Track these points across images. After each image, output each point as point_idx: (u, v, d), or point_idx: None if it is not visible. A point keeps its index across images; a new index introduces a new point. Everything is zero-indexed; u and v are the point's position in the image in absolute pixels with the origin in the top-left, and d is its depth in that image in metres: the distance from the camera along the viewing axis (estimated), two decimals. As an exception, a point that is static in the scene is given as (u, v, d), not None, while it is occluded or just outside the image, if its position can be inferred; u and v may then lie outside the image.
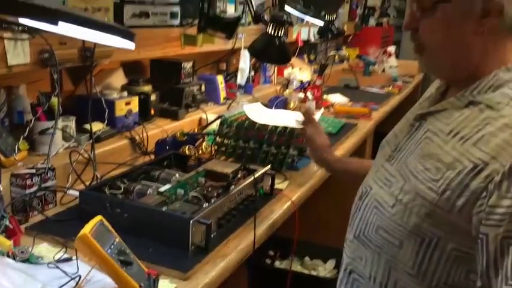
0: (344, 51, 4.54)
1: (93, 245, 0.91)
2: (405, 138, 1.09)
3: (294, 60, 3.44)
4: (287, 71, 3.18)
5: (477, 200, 0.90)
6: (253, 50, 1.84)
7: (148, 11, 1.78)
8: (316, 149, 1.58)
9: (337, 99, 3.00)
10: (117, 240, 0.98)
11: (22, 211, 1.29)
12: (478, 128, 0.94)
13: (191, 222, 1.11)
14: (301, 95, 2.80)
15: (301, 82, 3.03)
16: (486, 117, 0.94)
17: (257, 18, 1.88)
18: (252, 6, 1.88)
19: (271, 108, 2.45)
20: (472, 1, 0.95)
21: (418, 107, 1.15)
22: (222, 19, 2.00)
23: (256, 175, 1.42)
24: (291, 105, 2.63)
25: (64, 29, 0.82)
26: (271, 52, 1.80)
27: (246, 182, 1.38)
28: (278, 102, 2.58)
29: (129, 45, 0.96)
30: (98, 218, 0.98)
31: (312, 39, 3.51)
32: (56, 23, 0.78)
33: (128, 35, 0.93)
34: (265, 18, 1.87)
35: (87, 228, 0.93)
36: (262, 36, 1.82)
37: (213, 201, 1.28)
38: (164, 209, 1.21)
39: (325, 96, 2.99)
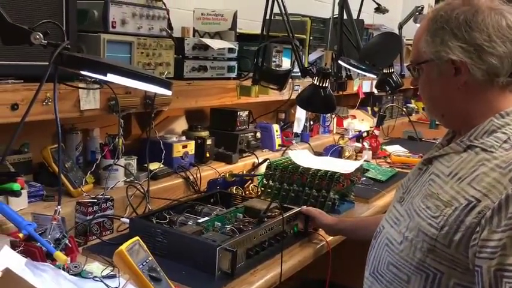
0: (413, 104, 4.56)
1: (127, 260, 1.07)
2: (414, 181, 1.18)
3: (356, 111, 3.54)
4: (346, 122, 3.28)
5: (472, 235, 0.97)
6: (299, 99, 1.99)
7: (206, 65, 1.99)
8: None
9: (396, 150, 3.03)
10: (150, 258, 1.13)
11: (83, 234, 1.49)
12: (474, 168, 1.02)
13: (218, 249, 1.24)
14: (358, 144, 2.88)
15: (359, 132, 3.10)
16: (481, 159, 1.02)
17: (304, 71, 2.03)
18: (300, 60, 2.04)
19: (326, 156, 2.55)
20: (443, 62, 1.07)
21: (428, 153, 1.23)
22: (274, 72, 2.17)
23: (289, 213, 1.53)
24: (346, 153, 2.71)
25: (112, 78, 1.02)
26: (316, 102, 1.93)
27: (277, 218, 1.48)
28: (333, 151, 2.67)
29: (166, 92, 1.15)
30: (136, 238, 1.14)
31: (375, 91, 3.59)
32: (105, 75, 0.99)
33: (164, 84, 1.11)
34: (312, 71, 2.02)
35: (125, 246, 1.09)
36: (308, 87, 1.96)
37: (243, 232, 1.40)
38: (198, 237, 1.35)
39: (384, 147, 3.03)
